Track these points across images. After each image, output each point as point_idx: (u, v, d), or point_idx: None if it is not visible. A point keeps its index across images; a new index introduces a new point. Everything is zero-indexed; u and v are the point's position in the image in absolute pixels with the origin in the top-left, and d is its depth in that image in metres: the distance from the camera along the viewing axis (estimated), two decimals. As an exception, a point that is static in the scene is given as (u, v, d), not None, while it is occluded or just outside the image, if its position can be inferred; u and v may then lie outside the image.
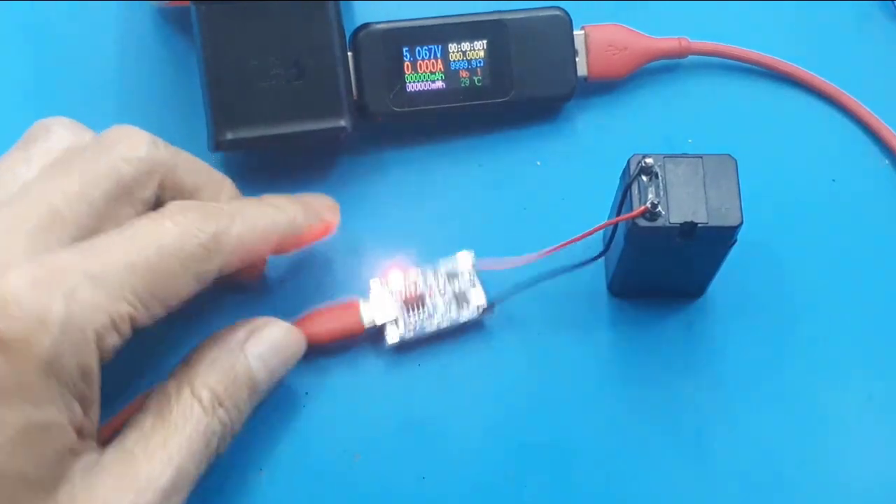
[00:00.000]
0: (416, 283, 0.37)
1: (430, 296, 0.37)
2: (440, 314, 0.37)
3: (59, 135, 0.31)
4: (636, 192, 0.33)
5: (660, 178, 0.33)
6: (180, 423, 0.30)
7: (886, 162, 0.40)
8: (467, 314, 0.37)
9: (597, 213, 0.36)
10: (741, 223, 0.32)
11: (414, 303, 0.36)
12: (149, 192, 0.31)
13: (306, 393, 0.37)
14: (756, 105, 0.41)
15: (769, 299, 0.38)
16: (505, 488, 0.36)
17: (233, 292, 0.37)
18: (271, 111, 0.37)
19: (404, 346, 0.37)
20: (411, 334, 0.36)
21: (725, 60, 0.41)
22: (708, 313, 0.38)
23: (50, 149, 0.31)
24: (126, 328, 0.28)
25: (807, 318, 0.38)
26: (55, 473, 0.27)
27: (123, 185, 0.30)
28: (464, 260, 0.37)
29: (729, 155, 0.33)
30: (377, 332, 0.37)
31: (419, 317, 0.36)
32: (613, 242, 0.35)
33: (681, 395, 0.37)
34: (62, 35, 0.41)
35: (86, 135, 0.32)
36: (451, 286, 0.37)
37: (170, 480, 0.29)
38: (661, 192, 0.33)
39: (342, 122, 0.37)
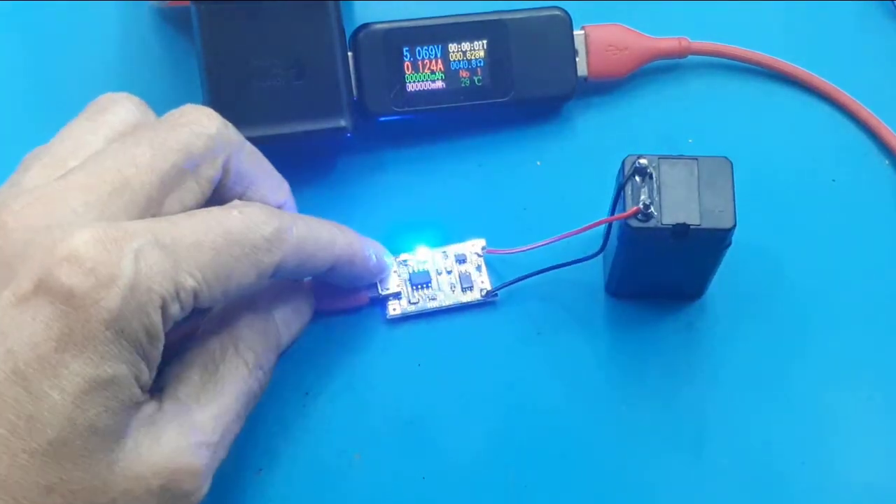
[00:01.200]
0: (424, 262, 0.38)
1: (436, 274, 0.38)
2: (444, 293, 0.37)
3: (126, 109, 0.31)
4: (629, 192, 0.33)
5: (654, 178, 0.33)
6: (228, 379, 0.31)
7: (886, 162, 0.40)
8: (471, 296, 0.37)
9: (597, 212, 0.36)
10: (734, 226, 0.32)
11: (419, 280, 0.38)
12: (214, 171, 0.31)
13: (306, 393, 0.37)
14: (756, 105, 0.41)
15: (769, 300, 0.38)
16: (505, 488, 0.36)
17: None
18: (271, 111, 0.37)
19: (406, 320, 0.38)
20: (413, 308, 0.37)
21: (725, 60, 0.41)
22: (708, 314, 0.38)
23: (117, 121, 0.31)
24: (188, 301, 0.28)
25: (807, 318, 0.38)
26: (121, 424, 0.27)
27: (192, 160, 0.30)
28: (473, 245, 0.38)
29: (725, 157, 0.33)
30: (380, 304, 0.37)
31: (423, 293, 0.37)
32: (609, 243, 0.35)
33: (680, 396, 0.37)
34: (62, 35, 0.41)
35: (150, 114, 0.32)
36: (458, 268, 0.38)
37: (220, 432, 0.30)
38: (655, 193, 0.33)
39: (342, 122, 0.37)
